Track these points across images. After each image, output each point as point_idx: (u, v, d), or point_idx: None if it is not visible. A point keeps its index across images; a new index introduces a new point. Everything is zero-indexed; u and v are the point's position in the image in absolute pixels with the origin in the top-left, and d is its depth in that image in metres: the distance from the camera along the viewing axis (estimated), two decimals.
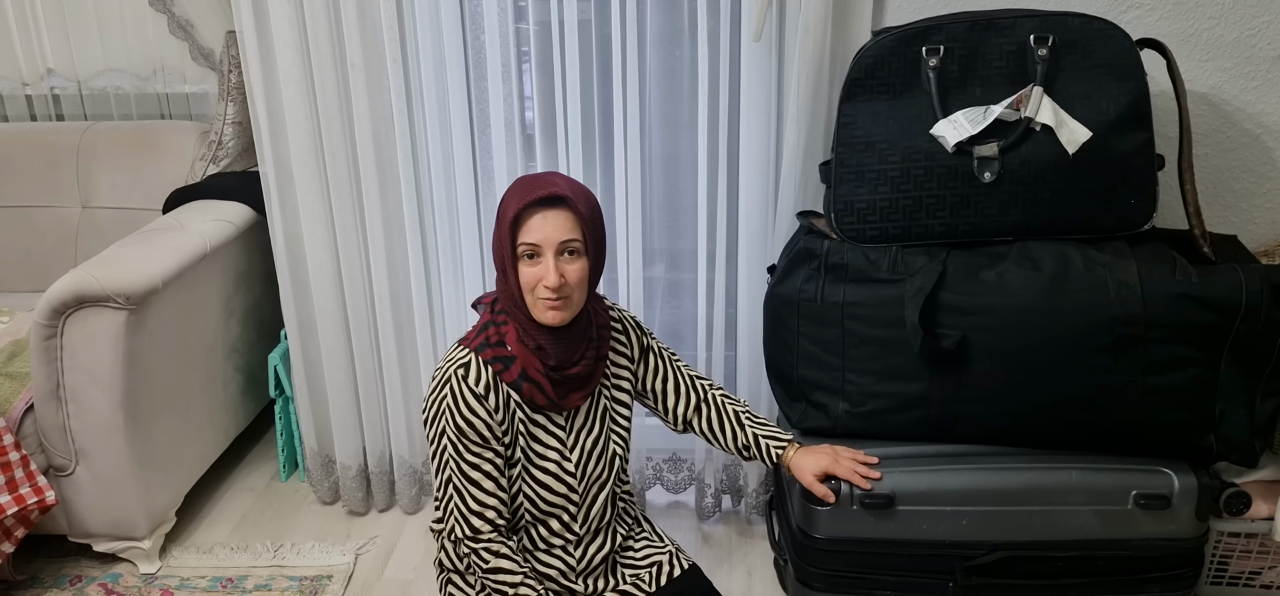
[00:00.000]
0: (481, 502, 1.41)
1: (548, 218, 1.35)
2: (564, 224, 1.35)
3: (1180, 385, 1.54)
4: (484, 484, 1.41)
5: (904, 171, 1.62)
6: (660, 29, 1.92)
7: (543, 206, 1.35)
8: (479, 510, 1.41)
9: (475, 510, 1.41)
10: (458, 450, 1.40)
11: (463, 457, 1.40)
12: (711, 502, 2.16)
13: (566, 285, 1.36)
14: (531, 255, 1.36)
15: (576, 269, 1.37)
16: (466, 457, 1.40)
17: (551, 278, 1.34)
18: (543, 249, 1.35)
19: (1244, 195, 1.88)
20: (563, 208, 1.36)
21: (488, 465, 1.41)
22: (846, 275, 1.64)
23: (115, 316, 1.83)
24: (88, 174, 2.41)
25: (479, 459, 1.40)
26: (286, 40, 1.86)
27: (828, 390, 1.68)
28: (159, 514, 2.05)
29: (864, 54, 1.64)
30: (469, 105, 1.97)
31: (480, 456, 1.40)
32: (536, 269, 1.36)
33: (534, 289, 1.37)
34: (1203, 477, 1.58)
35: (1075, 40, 1.57)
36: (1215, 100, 1.83)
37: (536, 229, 1.35)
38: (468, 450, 1.40)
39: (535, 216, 1.35)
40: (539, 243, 1.35)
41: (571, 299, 1.39)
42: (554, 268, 1.35)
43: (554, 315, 1.38)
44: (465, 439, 1.39)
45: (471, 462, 1.40)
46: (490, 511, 1.42)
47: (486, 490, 1.41)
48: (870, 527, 1.62)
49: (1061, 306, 1.53)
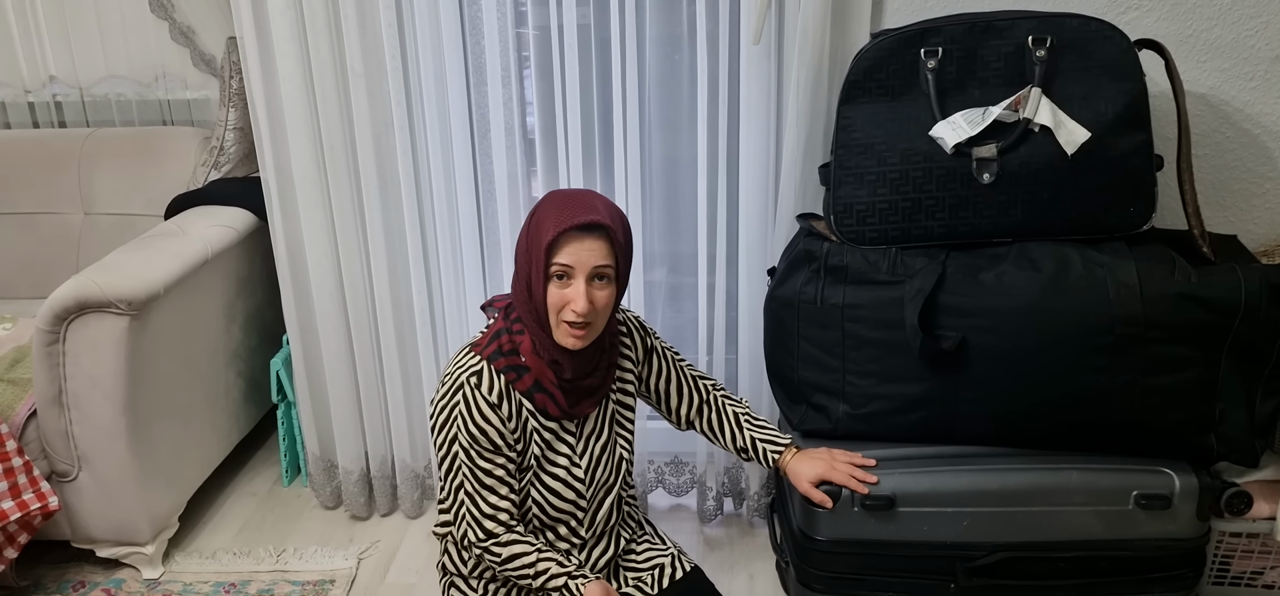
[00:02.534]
0: (495, 506, 1.42)
1: (586, 243, 1.33)
2: (600, 251, 1.34)
3: (1180, 385, 1.55)
4: (498, 488, 1.41)
5: (903, 173, 1.62)
6: (660, 32, 1.92)
7: (583, 232, 1.33)
8: (492, 514, 1.42)
9: (489, 514, 1.42)
10: (470, 457, 1.40)
11: (476, 464, 1.40)
12: (713, 505, 2.16)
13: (593, 310, 1.35)
14: (562, 276, 1.35)
15: (605, 295, 1.36)
16: (480, 464, 1.40)
17: (581, 303, 1.33)
18: (576, 272, 1.33)
19: (1243, 195, 1.89)
20: (600, 235, 1.34)
21: (500, 471, 1.41)
22: (846, 277, 1.64)
23: (117, 322, 1.83)
24: (90, 180, 2.42)
25: (492, 465, 1.41)
26: (287, 46, 1.87)
27: (828, 392, 1.69)
28: (161, 519, 2.06)
29: (862, 56, 1.64)
30: (469, 110, 1.98)
31: (493, 462, 1.41)
32: (566, 291, 1.34)
33: (561, 310, 1.35)
34: (1203, 477, 1.58)
35: (1073, 41, 1.58)
36: (1214, 101, 1.83)
37: (572, 253, 1.33)
38: (481, 456, 1.40)
39: (573, 240, 1.33)
40: (573, 265, 1.33)
41: (594, 325, 1.38)
42: (585, 293, 1.33)
43: (575, 341, 1.37)
44: (478, 446, 1.39)
45: (485, 468, 1.40)
46: (503, 514, 1.42)
47: (500, 494, 1.42)
48: (871, 529, 1.62)
49: (1061, 307, 1.53)
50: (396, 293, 2.04)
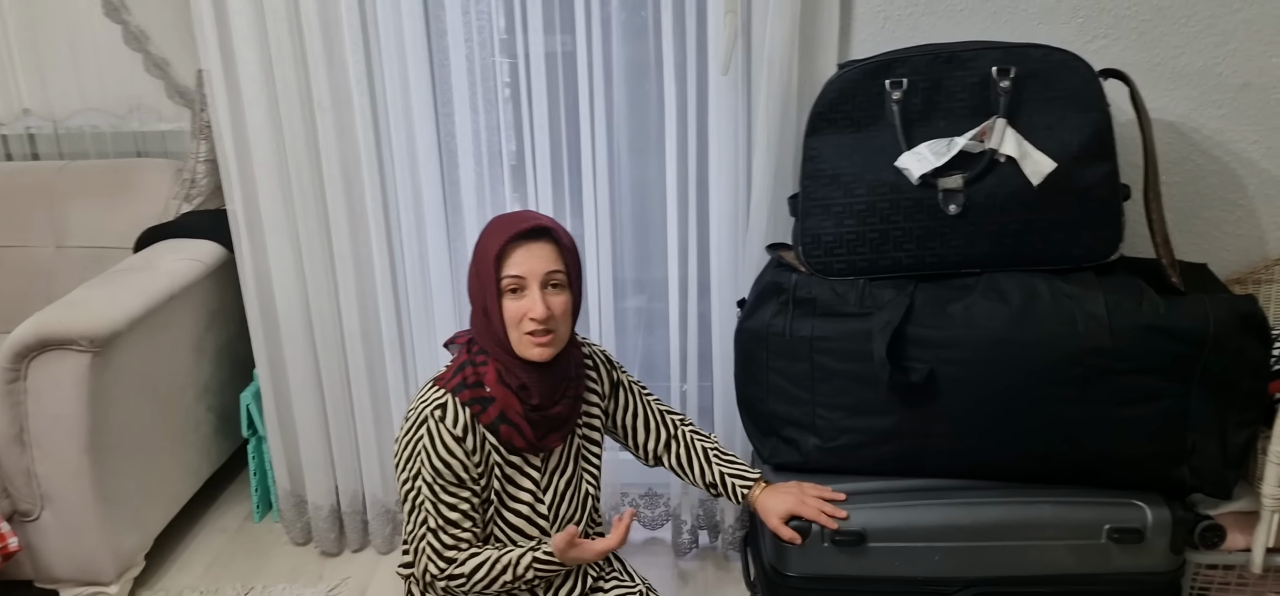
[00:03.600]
0: (457, 538, 1.40)
1: (532, 250, 1.36)
2: (548, 256, 1.36)
3: (1151, 417, 1.53)
4: (461, 523, 1.40)
5: (870, 205, 1.61)
6: (628, 61, 1.92)
7: (527, 239, 1.36)
8: (453, 545, 1.40)
9: (449, 545, 1.40)
10: (434, 492, 1.38)
11: (440, 499, 1.38)
12: (688, 539, 2.14)
13: (552, 317, 1.36)
14: (516, 289, 1.36)
15: (561, 301, 1.38)
16: (444, 498, 1.38)
17: (538, 309, 1.34)
18: (528, 281, 1.35)
19: (1215, 223, 1.88)
20: (546, 240, 1.37)
21: (465, 505, 1.39)
22: (814, 309, 1.62)
23: (79, 359, 1.81)
24: (62, 213, 2.40)
25: (456, 499, 1.39)
26: (253, 78, 1.86)
27: (798, 425, 1.67)
28: (127, 558, 2.02)
29: (828, 88, 1.63)
30: (438, 141, 1.97)
31: (457, 496, 1.39)
32: (522, 302, 1.36)
33: (520, 323, 1.36)
34: (1176, 510, 1.56)
35: (1037, 71, 1.57)
36: (1183, 128, 1.83)
37: (521, 262, 1.35)
38: (445, 491, 1.38)
39: (519, 250, 1.35)
40: (524, 275, 1.35)
41: (557, 333, 1.38)
42: (541, 299, 1.35)
43: (541, 350, 1.37)
44: (442, 480, 1.38)
45: (449, 503, 1.39)
46: (464, 547, 1.40)
47: (464, 529, 1.40)
48: (842, 565, 1.60)
49: (1029, 339, 1.51)
50: (366, 325, 2.02)
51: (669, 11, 1.80)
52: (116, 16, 2.44)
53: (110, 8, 2.44)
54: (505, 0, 1.87)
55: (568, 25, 1.85)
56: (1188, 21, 1.76)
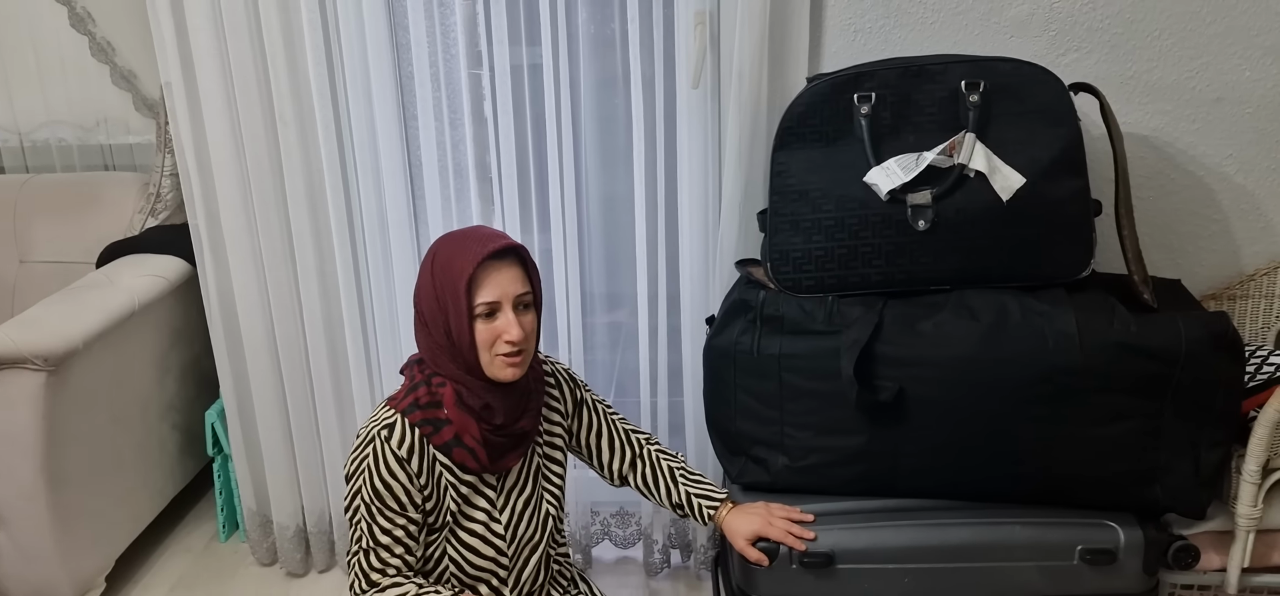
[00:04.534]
0: (385, 562, 1.36)
1: (503, 272, 1.33)
2: (518, 277, 1.34)
3: (1123, 436, 1.50)
4: (393, 548, 1.36)
5: (838, 220, 1.58)
6: (596, 75, 1.89)
7: (497, 260, 1.33)
8: (381, 568, 1.36)
9: (377, 567, 1.36)
10: (371, 512, 1.35)
11: (376, 520, 1.35)
12: (660, 558, 2.10)
13: (526, 337, 1.34)
14: (489, 313, 1.33)
15: (531, 321, 1.36)
16: (379, 521, 1.35)
17: (514, 331, 1.32)
18: (502, 304, 1.33)
19: (1189, 238, 1.86)
20: (515, 260, 1.35)
21: (399, 531, 1.36)
22: (782, 327, 1.60)
23: (34, 378, 1.77)
24: (26, 228, 2.36)
25: (392, 524, 1.35)
26: (214, 91, 1.83)
27: (767, 444, 1.64)
28: (86, 580, 1.98)
29: (796, 102, 1.61)
30: (405, 156, 1.94)
31: (393, 521, 1.35)
32: (496, 325, 1.33)
33: (493, 345, 1.33)
34: (1149, 531, 1.53)
35: (1006, 85, 1.55)
36: (1157, 143, 1.81)
37: (494, 285, 1.32)
38: (381, 514, 1.35)
39: (490, 273, 1.32)
40: (498, 299, 1.32)
41: (528, 352, 1.37)
42: (516, 321, 1.32)
43: (514, 371, 1.35)
44: (381, 501, 1.34)
45: (383, 526, 1.35)
46: (391, 570, 1.36)
47: (395, 554, 1.36)
48: (810, 587, 1.57)
49: (999, 357, 1.49)
50: (331, 343, 1.99)
51: (636, 24, 1.78)
52: (83, 28, 2.41)
53: (77, 19, 2.41)
54: (470, 13, 1.85)
55: (534, 38, 1.83)
56: (1160, 36, 1.74)
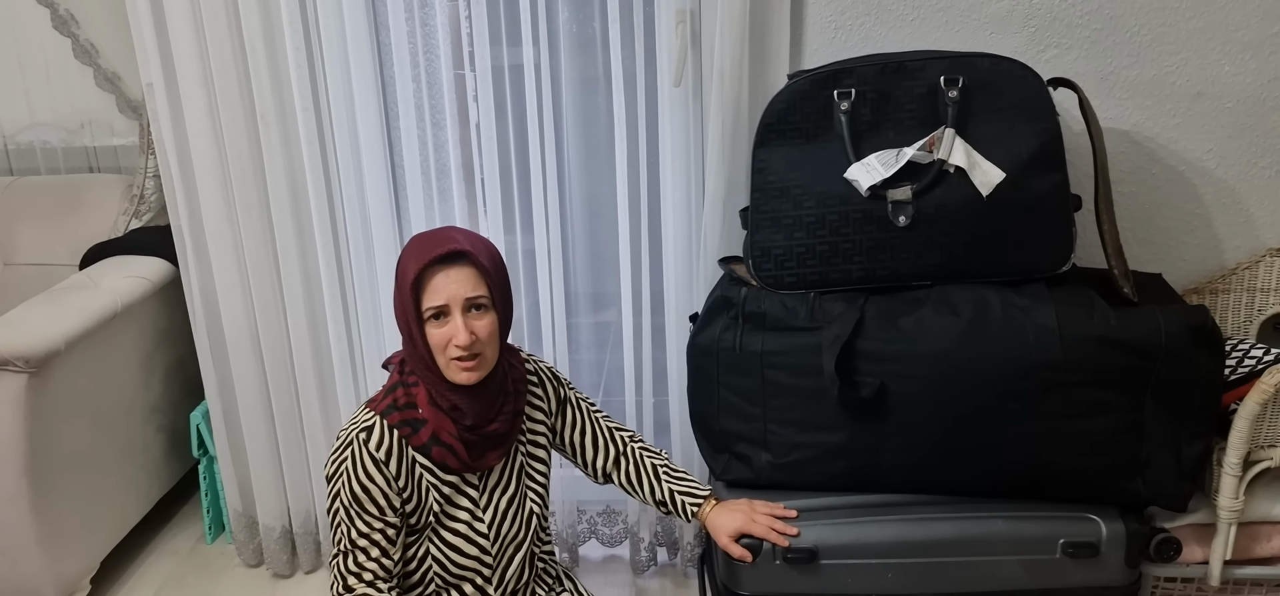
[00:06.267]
0: (361, 565, 1.35)
1: (451, 275, 1.31)
2: (468, 280, 1.31)
3: (1104, 430, 1.51)
4: (370, 550, 1.35)
5: (819, 217, 1.59)
6: (577, 74, 1.89)
7: (444, 264, 1.31)
8: (357, 571, 1.35)
9: (354, 570, 1.35)
10: (350, 515, 1.35)
11: (354, 523, 1.35)
12: (646, 556, 2.10)
13: (478, 342, 1.32)
14: (438, 315, 1.32)
15: (485, 324, 1.33)
16: (357, 523, 1.35)
17: (462, 336, 1.30)
18: (449, 307, 1.31)
19: (1171, 233, 1.86)
20: (465, 263, 1.32)
21: (377, 534, 1.35)
22: (764, 324, 1.60)
23: (15, 380, 1.77)
24: (10, 230, 2.35)
25: (369, 527, 1.35)
26: (194, 92, 1.82)
27: (750, 441, 1.64)
28: (69, 584, 1.97)
29: (776, 99, 1.61)
30: (388, 155, 1.94)
31: (371, 524, 1.35)
32: (445, 329, 1.32)
33: (445, 349, 1.32)
34: (1131, 524, 1.54)
35: (985, 81, 1.55)
36: (1137, 138, 1.82)
37: (441, 289, 1.31)
38: (360, 516, 1.34)
39: (437, 276, 1.31)
40: (445, 302, 1.31)
41: (484, 356, 1.35)
42: (464, 326, 1.30)
43: (469, 376, 1.34)
44: (359, 504, 1.34)
45: (362, 529, 1.35)
46: (367, 574, 1.35)
47: (372, 556, 1.35)
48: (794, 583, 1.57)
49: (980, 352, 1.49)
50: (315, 344, 1.98)
51: (617, 23, 1.78)
52: (66, 30, 2.40)
53: (60, 21, 2.40)
54: (452, 13, 1.84)
55: (515, 38, 1.83)
56: (1140, 31, 1.75)
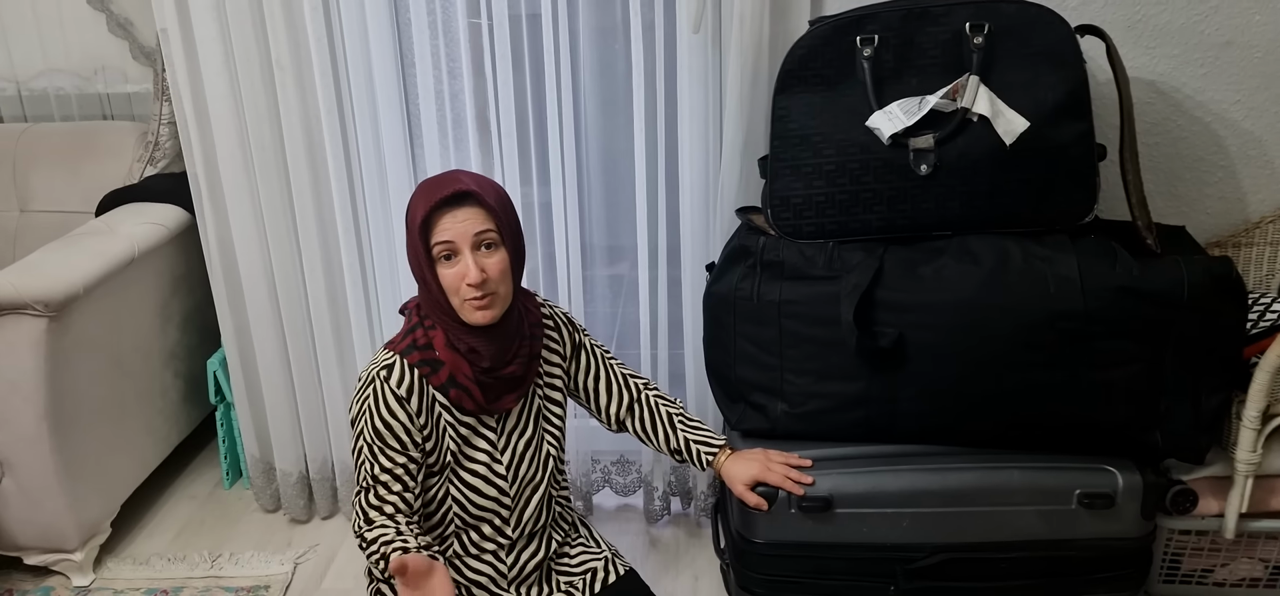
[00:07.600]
0: (382, 499, 1.36)
1: (457, 215, 1.32)
2: (475, 218, 1.33)
3: (1123, 381, 1.50)
4: (392, 486, 1.37)
5: (839, 165, 1.57)
6: (594, 22, 1.87)
7: (449, 205, 1.32)
8: (378, 505, 1.36)
9: (375, 504, 1.36)
10: (373, 452, 1.36)
11: (377, 459, 1.36)
12: (660, 505, 2.12)
13: (489, 279, 1.33)
14: (448, 256, 1.33)
15: (496, 261, 1.34)
16: (381, 459, 1.36)
17: (473, 274, 1.31)
18: (458, 246, 1.32)
19: (1195, 184, 1.84)
20: (470, 203, 1.33)
21: (399, 469, 1.36)
22: (783, 273, 1.59)
23: (35, 324, 1.77)
24: (25, 177, 2.35)
25: (392, 462, 1.36)
26: (210, 38, 1.81)
27: (766, 391, 1.64)
28: (91, 525, 2.00)
29: (797, 46, 1.59)
30: (403, 103, 1.92)
31: (393, 459, 1.36)
32: (456, 268, 1.33)
33: (458, 290, 1.34)
34: (1148, 476, 1.54)
35: (1011, 27, 1.52)
36: (1164, 88, 1.78)
37: (448, 227, 1.32)
38: (382, 452, 1.36)
39: (444, 216, 1.32)
40: (453, 240, 1.32)
41: (498, 294, 1.36)
42: (474, 263, 1.32)
43: (483, 314, 1.35)
44: (381, 439, 1.35)
45: (385, 464, 1.36)
46: (388, 508, 1.36)
47: (394, 492, 1.36)
48: (809, 531, 1.58)
49: (1000, 302, 1.48)
50: (331, 290, 1.98)
51: None
52: None
53: None
54: None
55: None
56: None
